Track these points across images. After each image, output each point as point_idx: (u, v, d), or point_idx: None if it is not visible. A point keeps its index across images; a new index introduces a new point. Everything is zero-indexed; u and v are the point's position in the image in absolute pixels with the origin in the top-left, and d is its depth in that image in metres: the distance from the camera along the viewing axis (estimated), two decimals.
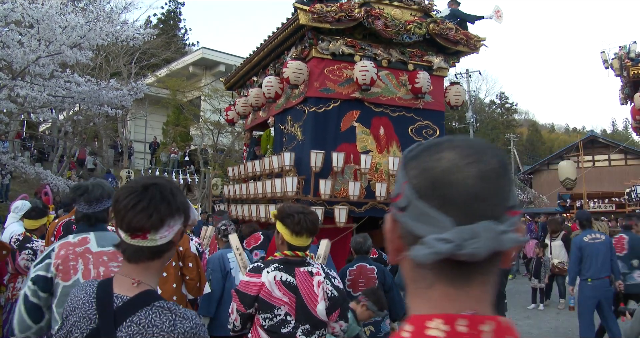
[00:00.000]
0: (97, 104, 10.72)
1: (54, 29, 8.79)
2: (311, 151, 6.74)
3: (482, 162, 0.70)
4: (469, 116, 28.87)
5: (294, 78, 7.04)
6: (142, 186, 1.41)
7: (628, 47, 11.24)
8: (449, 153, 0.71)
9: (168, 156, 21.69)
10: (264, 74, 8.93)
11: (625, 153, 29.79)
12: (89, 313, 1.37)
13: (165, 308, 1.37)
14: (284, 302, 2.36)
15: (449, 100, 8.27)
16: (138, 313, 1.35)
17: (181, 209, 1.44)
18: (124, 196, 1.40)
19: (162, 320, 1.34)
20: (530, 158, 47.06)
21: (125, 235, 1.39)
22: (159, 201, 1.39)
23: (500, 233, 0.67)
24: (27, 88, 9.35)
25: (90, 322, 1.36)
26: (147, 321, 1.33)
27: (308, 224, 2.53)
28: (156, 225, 1.38)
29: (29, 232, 4.34)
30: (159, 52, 22.43)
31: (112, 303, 1.37)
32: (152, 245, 1.40)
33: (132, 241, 1.39)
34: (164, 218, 1.39)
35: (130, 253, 1.42)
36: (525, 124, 60.43)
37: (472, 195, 0.68)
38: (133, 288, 1.40)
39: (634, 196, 17.85)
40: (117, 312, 1.35)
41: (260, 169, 8.26)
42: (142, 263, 1.42)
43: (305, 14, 6.85)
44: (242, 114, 9.84)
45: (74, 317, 1.40)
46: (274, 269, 2.43)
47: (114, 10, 10.92)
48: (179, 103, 22.26)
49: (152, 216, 1.37)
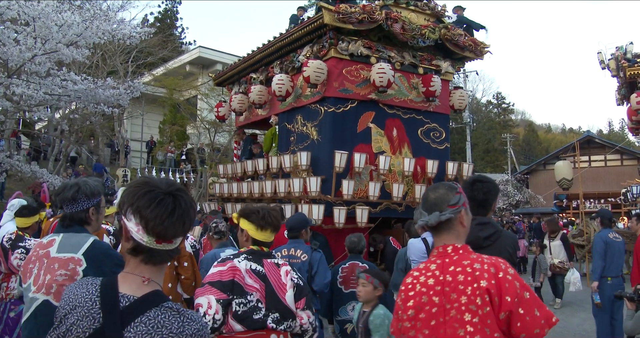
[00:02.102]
0: (93, 103, 10.69)
1: (50, 27, 8.76)
2: (335, 151, 6.80)
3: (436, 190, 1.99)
4: (465, 116, 28.86)
5: (314, 77, 7.07)
6: (166, 193, 1.40)
7: (625, 48, 11.27)
8: (430, 190, 2.03)
9: (165, 155, 21.65)
10: (266, 71, 8.89)
11: (621, 154, 29.86)
12: (92, 312, 1.34)
13: (174, 310, 1.37)
14: (255, 288, 2.41)
15: (453, 104, 8.47)
16: (147, 314, 1.34)
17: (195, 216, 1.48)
18: (148, 202, 1.37)
19: (171, 321, 1.34)
20: (526, 158, 47.17)
21: (150, 239, 1.38)
22: (189, 208, 1.41)
23: (439, 216, 1.89)
24: (23, 86, 9.31)
25: (93, 321, 1.33)
26: (156, 321, 1.33)
27: (272, 219, 2.63)
28: (187, 231, 1.43)
29: (21, 230, 4.29)
30: (156, 51, 22.37)
31: (118, 303, 1.35)
32: (173, 248, 1.43)
33: (157, 246, 1.39)
34: (192, 224, 1.44)
35: (147, 255, 1.41)
36: (521, 124, 60.58)
37: (431, 202, 1.94)
38: (141, 287, 1.40)
39: (630, 196, 17.89)
40: (125, 312, 1.34)
41: (264, 168, 8.24)
42: (158, 265, 1.44)
43: (330, 14, 6.91)
44: (238, 111, 9.76)
45: (73, 315, 1.36)
46: (244, 259, 2.50)
47: (111, 9, 10.93)
48: (175, 102, 22.21)
49: (185, 224, 1.41)
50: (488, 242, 2.54)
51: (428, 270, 1.87)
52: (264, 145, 9.22)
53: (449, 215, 1.89)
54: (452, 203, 1.91)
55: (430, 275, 1.85)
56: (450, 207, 1.90)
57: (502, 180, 30.43)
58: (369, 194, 7.00)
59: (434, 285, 1.81)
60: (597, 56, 12.04)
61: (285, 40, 7.98)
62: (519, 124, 59.85)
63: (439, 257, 1.89)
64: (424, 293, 1.82)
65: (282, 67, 8.30)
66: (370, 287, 3.59)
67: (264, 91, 8.71)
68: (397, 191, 7.24)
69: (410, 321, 1.83)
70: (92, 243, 2.37)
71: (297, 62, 7.91)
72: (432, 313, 1.78)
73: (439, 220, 1.90)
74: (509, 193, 28.87)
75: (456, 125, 30.92)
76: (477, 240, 2.51)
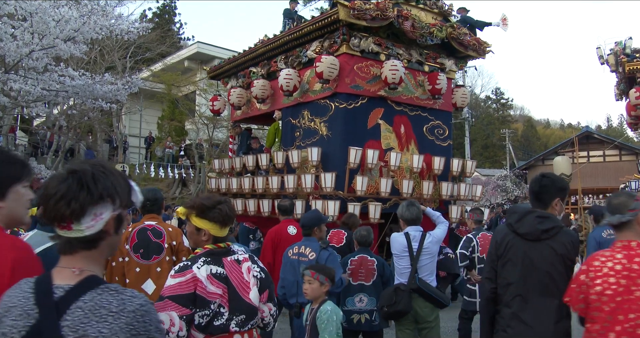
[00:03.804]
0: (91, 99, 10.64)
1: (48, 22, 8.71)
2: (350, 148, 6.80)
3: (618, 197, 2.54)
4: (464, 111, 28.84)
5: (327, 73, 7.09)
6: (67, 173, 1.33)
7: (624, 43, 11.22)
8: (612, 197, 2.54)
9: (163, 151, 21.61)
10: (268, 66, 8.85)
11: (620, 149, 29.89)
12: (26, 309, 1.27)
13: (112, 289, 1.30)
14: (218, 294, 2.29)
15: (455, 101, 8.65)
16: (83, 297, 1.26)
17: (106, 196, 1.33)
18: (52, 185, 1.32)
19: (110, 301, 1.26)
20: (525, 154, 47.16)
21: (53, 226, 1.33)
22: (76, 188, 1.30)
23: (620, 218, 2.43)
24: (20, 82, 9.26)
25: (29, 318, 1.25)
26: (93, 303, 1.25)
27: (230, 212, 2.45)
28: (77, 213, 1.30)
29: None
30: (154, 47, 22.31)
31: (52, 294, 1.28)
32: (80, 236, 1.33)
33: (60, 233, 1.33)
34: (85, 206, 1.30)
35: (60, 244, 1.36)
36: (520, 120, 60.57)
37: (613, 206, 2.47)
38: (75, 276, 1.32)
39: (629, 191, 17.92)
40: (60, 302, 1.26)
41: (267, 162, 8.22)
42: (77, 253, 1.35)
43: (345, 10, 6.92)
44: (237, 105, 9.70)
45: (9, 317, 1.27)
46: (203, 263, 2.33)
47: (108, 4, 10.83)
48: (174, 98, 22.18)
49: (70, 204, 1.29)
50: (546, 235, 2.69)
51: (614, 258, 2.38)
52: (267, 140, 9.19)
53: (629, 217, 2.40)
54: (632, 207, 2.41)
55: (617, 262, 2.35)
56: (630, 211, 2.40)
57: (501, 176, 30.44)
58: (380, 190, 7.06)
59: (621, 270, 2.32)
60: (596, 51, 12.00)
61: (293, 35, 7.94)
62: (517, 119, 59.81)
63: (624, 249, 2.39)
64: (612, 276, 2.33)
65: (286, 62, 8.26)
66: (316, 284, 3.47)
67: (266, 86, 8.69)
68: (406, 187, 7.30)
69: (597, 295, 2.35)
70: (52, 245, 2.30)
71: (305, 57, 7.89)
72: (618, 292, 2.29)
73: (620, 221, 2.42)
74: (508, 188, 28.85)
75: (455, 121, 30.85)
76: (535, 232, 2.70)
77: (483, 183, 21.56)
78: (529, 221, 2.74)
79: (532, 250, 2.69)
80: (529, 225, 2.73)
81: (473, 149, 36.69)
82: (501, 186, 28.39)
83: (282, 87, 7.88)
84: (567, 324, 2.68)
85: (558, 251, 2.66)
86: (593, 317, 2.38)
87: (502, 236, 2.83)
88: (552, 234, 2.68)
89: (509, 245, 2.77)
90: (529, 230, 2.72)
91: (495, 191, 27.72)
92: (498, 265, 2.80)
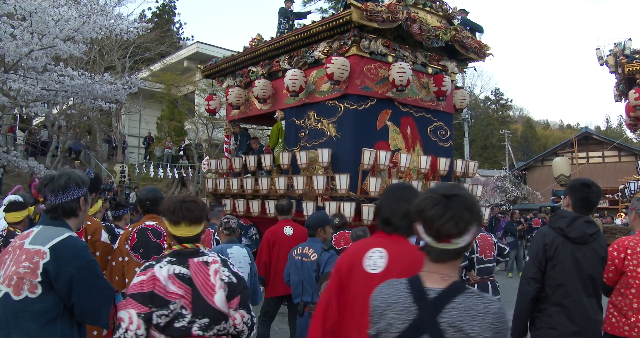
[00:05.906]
0: (90, 98, 10.64)
1: (47, 22, 8.71)
2: (363, 149, 6.82)
3: None
4: (463, 112, 28.85)
5: (338, 74, 7.09)
6: (443, 196, 1.60)
7: (623, 44, 11.23)
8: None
9: (162, 151, 21.60)
10: (269, 65, 8.81)
11: (619, 150, 29.96)
12: (406, 306, 1.58)
13: (475, 293, 1.57)
14: (179, 295, 2.25)
15: (455, 103, 8.68)
16: (455, 300, 1.53)
17: (479, 217, 1.62)
18: (429, 206, 1.59)
19: (476, 303, 1.52)
20: (524, 154, 47.23)
21: (431, 239, 1.59)
22: (462, 210, 1.57)
23: None
24: (20, 81, 9.26)
25: (409, 313, 1.56)
26: (465, 305, 1.52)
27: (184, 211, 2.38)
28: (462, 231, 1.57)
29: (12, 226, 4.23)
30: (154, 46, 22.30)
31: (426, 294, 1.57)
32: (456, 248, 1.59)
33: (438, 245, 1.59)
34: (468, 225, 1.58)
35: (436, 254, 1.61)
36: (519, 121, 60.62)
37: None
38: (442, 281, 1.59)
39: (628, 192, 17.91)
40: (435, 302, 1.55)
41: (270, 163, 8.19)
42: (448, 262, 1.62)
43: (358, 12, 6.93)
44: (235, 104, 9.63)
45: (391, 311, 1.60)
46: (167, 263, 2.31)
47: (108, 4, 10.82)
48: (173, 97, 22.16)
49: (459, 224, 1.56)
50: (591, 239, 3.00)
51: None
52: (270, 141, 9.13)
53: None
54: None
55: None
56: None
57: (500, 176, 30.45)
58: None
59: None
60: (596, 52, 12.00)
61: (300, 35, 7.91)
62: (516, 120, 59.88)
63: None
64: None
65: (290, 62, 8.23)
66: None
67: (268, 86, 8.66)
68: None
69: (635, 266, 3.16)
70: (65, 238, 2.29)
71: (311, 57, 7.88)
72: None
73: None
74: (507, 189, 28.87)
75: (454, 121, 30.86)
76: (584, 236, 2.98)
77: (482, 183, 21.55)
78: (579, 225, 3.01)
79: (578, 253, 2.99)
80: (579, 229, 3.00)
81: (472, 149, 36.70)
82: (500, 186, 28.40)
83: (287, 88, 7.86)
84: (602, 318, 3.11)
85: (600, 254, 3.02)
86: (628, 283, 3.16)
87: (552, 239, 3.06)
88: (595, 237, 3.01)
89: (559, 248, 3.01)
90: (579, 234, 2.99)
91: (495, 191, 27.72)
92: (547, 267, 3.04)
